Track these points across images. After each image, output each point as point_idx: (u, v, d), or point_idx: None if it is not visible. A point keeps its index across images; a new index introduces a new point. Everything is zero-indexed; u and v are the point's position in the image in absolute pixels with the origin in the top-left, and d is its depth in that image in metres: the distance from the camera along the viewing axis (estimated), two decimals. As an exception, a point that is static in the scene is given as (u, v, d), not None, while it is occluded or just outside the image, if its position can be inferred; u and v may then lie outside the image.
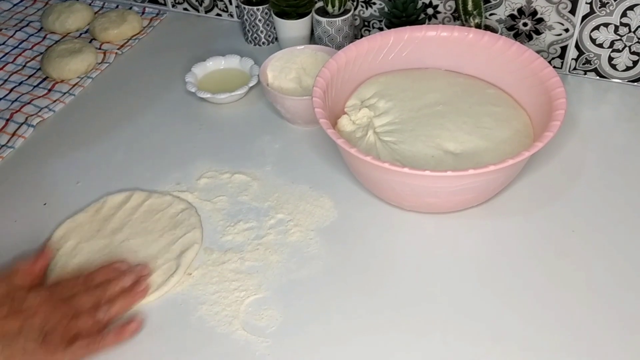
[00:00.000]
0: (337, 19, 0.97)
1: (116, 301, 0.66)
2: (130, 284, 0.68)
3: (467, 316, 0.65)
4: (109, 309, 0.65)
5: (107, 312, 0.65)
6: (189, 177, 0.83)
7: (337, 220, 0.76)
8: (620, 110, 0.90)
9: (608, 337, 0.63)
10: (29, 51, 1.08)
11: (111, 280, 0.68)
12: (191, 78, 0.96)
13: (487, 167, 0.66)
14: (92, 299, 0.65)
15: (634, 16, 0.87)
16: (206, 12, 1.16)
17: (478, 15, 0.89)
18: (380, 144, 0.78)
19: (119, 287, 0.67)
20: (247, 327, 0.65)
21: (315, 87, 0.77)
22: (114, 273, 0.69)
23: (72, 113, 0.96)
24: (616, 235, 0.72)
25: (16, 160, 0.88)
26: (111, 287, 0.67)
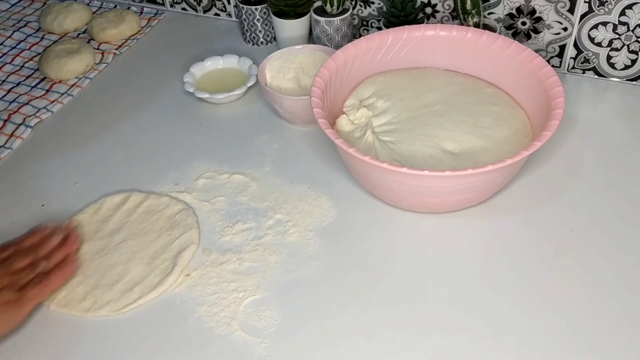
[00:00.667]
0: (336, 19, 0.97)
1: (54, 253, 0.70)
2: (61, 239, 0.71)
3: (466, 314, 0.65)
4: (49, 261, 0.69)
5: (47, 265, 0.68)
6: (187, 178, 0.83)
7: (336, 220, 0.76)
8: (619, 109, 0.90)
9: (608, 334, 0.63)
10: (27, 51, 1.08)
11: (42, 241, 0.71)
12: (189, 78, 0.96)
13: (485, 167, 0.66)
14: (28, 258, 0.68)
15: (632, 15, 0.87)
16: (204, 12, 1.16)
17: (476, 14, 0.89)
18: (378, 143, 0.78)
19: (50, 245, 0.71)
20: (246, 327, 0.65)
21: (314, 87, 0.77)
22: (41, 236, 0.72)
23: (70, 114, 0.96)
24: (615, 233, 0.72)
25: (14, 161, 0.88)
26: (44, 246, 0.70)
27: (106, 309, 0.68)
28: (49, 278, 0.67)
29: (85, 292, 0.69)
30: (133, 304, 0.68)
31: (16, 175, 0.85)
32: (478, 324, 0.64)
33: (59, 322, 0.67)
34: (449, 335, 0.64)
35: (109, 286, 0.70)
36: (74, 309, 0.68)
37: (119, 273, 0.71)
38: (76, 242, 0.73)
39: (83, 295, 0.69)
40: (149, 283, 0.69)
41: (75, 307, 0.68)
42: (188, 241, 0.73)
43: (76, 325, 0.67)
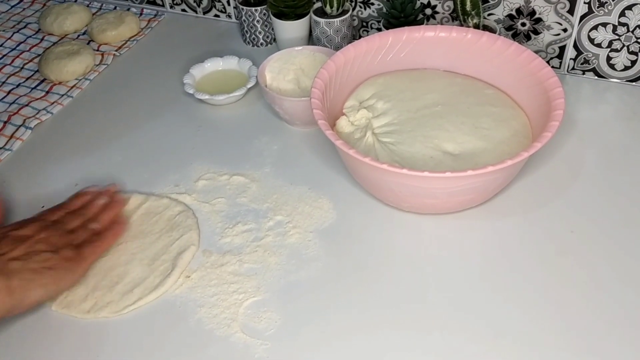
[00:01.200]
0: (336, 20, 0.97)
1: (102, 215, 0.73)
2: (107, 201, 0.75)
3: (467, 315, 0.65)
4: (99, 222, 0.72)
5: (99, 224, 0.72)
6: (187, 179, 0.83)
7: (336, 222, 0.76)
8: (619, 110, 0.90)
9: (608, 335, 0.63)
10: (26, 53, 1.08)
11: (88, 203, 0.74)
12: (189, 79, 0.96)
13: (485, 168, 0.66)
14: (79, 219, 0.72)
15: (632, 16, 0.87)
16: (204, 13, 1.16)
17: (476, 16, 0.89)
18: (378, 145, 0.78)
19: (97, 206, 0.74)
20: (246, 329, 0.65)
21: (314, 88, 0.77)
22: (87, 197, 0.76)
23: (70, 115, 0.96)
24: (616, 233, 0.72)
25: (14, 163, 0.87)
26: (91, 207, 0.74)
27: (106, 310, 0.68)
28: (103, 237, 0.71)
29: (86, 294, 0.69)
30: (133, 305, 0.68)
31: (16, 177, 0.85)
32: (478, 325, 0.64)
33: (59, 323, 0.67)
34: (449, 336, 0.63)
35: (109, 288, 0.70)
36: (74, 310, 0.68)
37: (119, 274, 0.71)
38: (121, 202, 0.76)
39: (83, 296, 0.69)
40: (149, 284, 0.69)
41: (75, 309, 0.68)
42: (188, 242, 0.73)
43: (76, 326, 0.67)
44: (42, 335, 0.66)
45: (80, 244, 0.69)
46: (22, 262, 0.63)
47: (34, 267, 0.63)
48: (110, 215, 0.74)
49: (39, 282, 0.63)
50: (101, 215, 0.73)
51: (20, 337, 0.66)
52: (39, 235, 0.67)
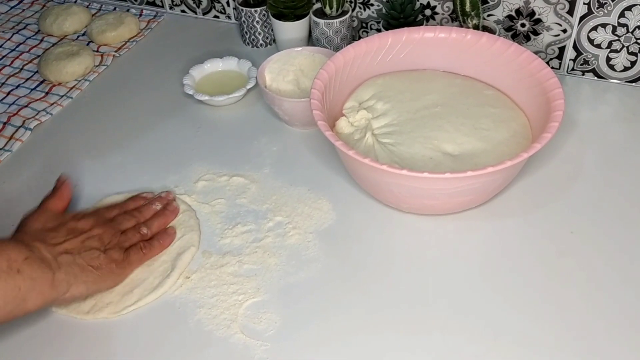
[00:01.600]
0: (335, 21, 0.97)
1: (153, 220, 0.74)
2: (161, 208, 0.76)
3: (467, 316, 0.65)
4: (149, 227, 0.73)
5: (149, 229, 0.73)
6: (187, 180, 0.83)
7: (336, 223, 0.76)
8: (619, 111, 0.90)
9: (608, 336, 0.63)
10: (26, 54, 1.08)
11: (143, 206, 0.75)
12: (189, 80, 0.96)
13: (485, 169, 0.66)
14: (132, 220, 0.73)
15: (631, 17, 0.87)
16: (204, 14, 1.16)
17: (476, 16, 0.89)
18: (378, 145, 0.78)
19: (152, 210, 0.75)
20: (246, 330, 0.65)
21: (313, 89, 0.77)
22: (143, 201, 0.77)
23: (69, 116, 0.95)
24: (616, 234, 0.72)
25: (14, 164, 0.87)
26: (145, 211, 0.75)
27: (106, 311, 0.68)
28: (150, 246, 0.71)
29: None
30: (133, 306, 0.68)
31: (15, 178, 0.85)
32: (478, 325, 0.64)
33: (59, 323, 0.67)
34: (449, 337, 0.63)
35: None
36: (74, 311, 0.68)
37: (119, 275, 0.71)
38: (174, 212, 0.76)
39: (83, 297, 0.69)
40: (148, 285, 0.69)
41: (75, 309, 0.68)
42: (188, 243, 0.73)
43: (76, 327, 0.67)
44: (42, 335, 0.66)
45: (128, 248, 0.70)
46: (72, 256, 0.64)
47: (82, 263, 0.64)
48: (161, 222, 0.74)
49: (82, 279, 0.64)
50: (152, 221, 0.74)
51: (21, 337, 0.66)
52: (94, 230, 0.68)
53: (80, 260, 0.64)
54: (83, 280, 0.64)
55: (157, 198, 0.77)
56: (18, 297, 0.58)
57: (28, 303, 0.59)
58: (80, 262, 0.64)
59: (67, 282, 0.62)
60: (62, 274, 0.62)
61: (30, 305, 0.59)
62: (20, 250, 0.60)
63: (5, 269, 0.57)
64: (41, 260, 0.61)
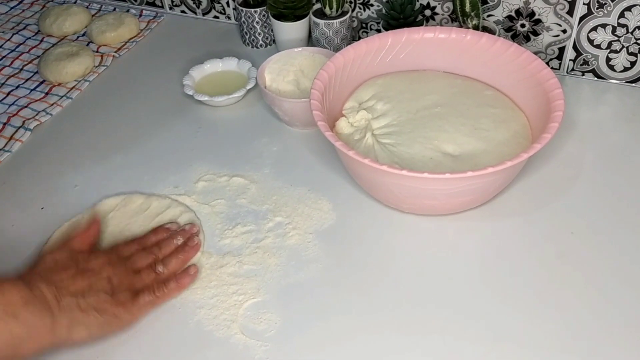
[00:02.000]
0: (335, 21, 0.97)
1: (172, 258, 0.70)
2: (182, 242, 0.72)
3: (466, 317, 0.65)
4: (166, 265, 0.69)
5: (166, 268, 0.69)
6: (187, 180, 0.83)
7: (336, 223, 0.76)
8: (619, 111, 0.90)
9: (608, 337, 0.63)
10: (26, 54, 1.08)
11: (163, 240, 0.72)
12: (189, 81, 0.96)
13: (485, 169, 0.66)
14: (149, 258, 0.69)
15: (631, 17, 0.87)
16: (204, 15, 1.16)
17: (476, 17, 0.89)
18: (378, 146, 0.78)
19: (172, 245, 0.71)
20: (246, 330, 0.65)
21: (313, 90, 0.77)
22: (165, 234, 0.73)
23: (69, 116, 0.95)
24: (615, 235, 0.72)
25: (13, 164, 0.87)
26: (165, 246, 0.71)
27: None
28: (166, 288, 0.67)
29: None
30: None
31: (15, 178, 0.85)
32: (478, 327, 0.64)
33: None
34: (449, 338, 0.63)
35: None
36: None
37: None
38: (195, 248, 0.72)
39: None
40: (149, 286, 0.69)
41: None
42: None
43: (76, 328, 0.67)
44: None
45: (140, 289, 0.66)
46: (76, 299, 0.61)
47: (85, 307, 0.61)
48: (179, 261, 0.70)
49: (85, 324, 0.61)
50: (170, 259, 0.69)
51: (20, 338, 0.66)
52: (104, 271, 0.65)
53: (84, 304, 0.61)
54: (85, 325, 0.61)
55: (180, 231, 0.73)
56: (11, 344, 0.55)
57: (23, 349, 0.56)
58: (84, 305, 0.61)
59: (68, 327, 0.59)
60: (64, 319, 0.59)
61: (25, 350, 0.57)
62: (19, 292, 0.57)
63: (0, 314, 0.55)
64: (42, 303, 0.58)
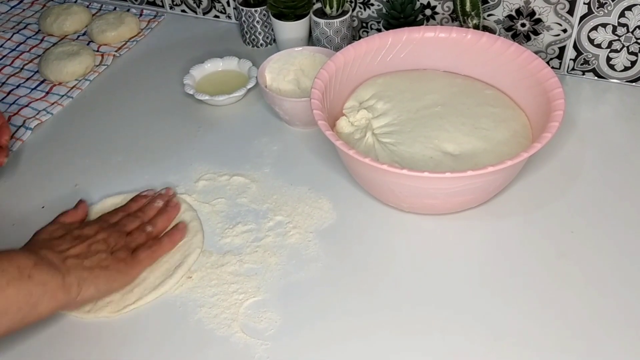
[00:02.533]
0: (335, 21, 0.97)
1: (157, 218, 0.74)
2: (163, 204, 0.77)
3: (466, 316, 0.65)
4: (154, 225, 0.73)
5: (154, 227, 0.73)
6: (187, 180, 0.83)
7: (336, 222, 0.76)
8: (619, 111, 0.90)
9: (608, 336, 0.63)
10: (26, 54, 1.08)
11: (145, 206, 0.76)
12: (189, 80, 0.96)
13: (485, 169, 0.66)
14: (136, 221, 0.73)
15: (632, 16, 0.87)
16: (204, 14, 1.16)
17: (476, 16, 0.89)
18: (378, 145, 0.78)
19: (155, 209, 0.76)
20: (246, 329, 0.65)
21: (314, 89, 0.77)
22: (145, 200, 0.77)
23: (70, 116, 0.96)
24: (616, 234, 0.72)
25: (14, 163, 0.87)
26: (148, 210, 0.75)
27: (106, 310, 0.68)
28: (160, 243, 0.72)
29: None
30: (133, 305, 0.68)
31: (16, 177, 0.85)
32: (478, 326, 0.64)
33: (59, 322, 0.67)
34: (449, 337, 0.64)
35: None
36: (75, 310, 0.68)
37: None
38: (176, 208, 0.77)
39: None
40: (149, 284, 0.69)
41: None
42: (194, 245, 0.73)
43: (77, 326, 0.67)
44: (42, 334, 0.66)
45: (136, 247, 0.70)
46: (79, 259, 0.64)
47: (89, 265, 0.64)
48: (165, 219, 0.75)
49: (92, 281, 0.64)
50: (156, 219, 0.74)
51: (21, 336, 0.66)
52: (98, 235, 0.68)
53: (88, 263, 0.64)
54: (92, 281, 0.64)
55: (158, 196, 0.78)
56: (30, 303, 0.58)
57: (40, 308, 0.59)
58: (88, 264, 0.64)
59: (78, 284, 0.62)
60: (72, 277, 0.62)
61: (42, 310, 0.59)
62: (28, 257, 0.60)
63: (16, 276, 0.57)
64: (50, 265, 0.61)
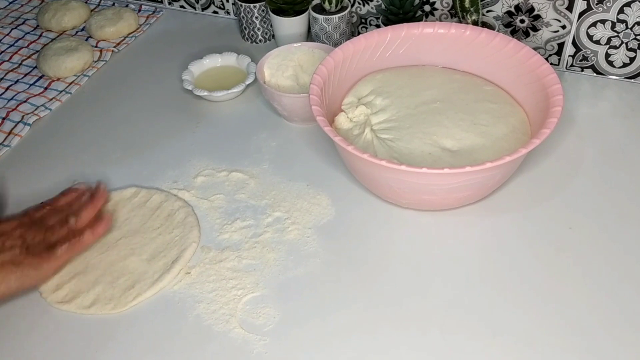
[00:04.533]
0: (334, 16, 0.97)
1: (82, 211, 0.72)
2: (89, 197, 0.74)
3: (465, 312, 0.65)
4: (78, 216, 0.71)
5: (78, 220, 0.71)
6: (186, 175, 0.83)
7: (335, 218, 0.76)
8: (617, 107, 0.90)
9: (607, 332, 0.63)
10: (25, 49, 1.08)
11: (73, 200, 0.74)
12: (188, 76, 0.96)
13: (484, 164, 0.66)
14: (60, 216, 0.71)
15: (630, 13, 0.87)
16: (203, 10, 1.16)
17: (475, 12, 0.89)
18: (377, 141, 0.78)
19: (82, 202, 0.73)
20: (245, 325, 0.65)
21: (312, 85, 0.77)
22: (75, 194, 0.75)
23: (68, 111, 0.95)
24: (614, 230, 0.73)
25: (12, 159, 0.87)
26: (74, 204, 0.73)
27: (106, 306, 0.68)
28: (81, 236, 0.69)
29: (86, 289, 0.69)
30: (132, 301, 0.68)
31: (14, 173, 0.85)
32: (476, 322, 0.64)
33: (59, 319, 0.68)
34: (448, 333, 0.64)
35: (108, 283, 0.70)
36: (74, 306, 0.68)
37: (118, 270, 0.71)
38: (102, 197, 0.75)
39: (83, 292, 0.69)
40: (148, 280, 0.69)
41: (75, 304, 0.68)
42: (189, 240, 0.73)
43: (76, 322, 0.67)
44: (41, 331, 0.66)
45: (55, 242, 0.68)
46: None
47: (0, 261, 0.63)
48: (90, 211, 0.72)
49: (2, 278, 0.62)
50: (80, 211, 0.72)
51: (20, 333, 0.66)
52: (15, 231, 0.67)
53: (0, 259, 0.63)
54: (3, 278, 0.63)
55: (86, 189, 0.76)
56: None
57: None
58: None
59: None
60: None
61: None
62: None
63: None
64: None
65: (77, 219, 0.71)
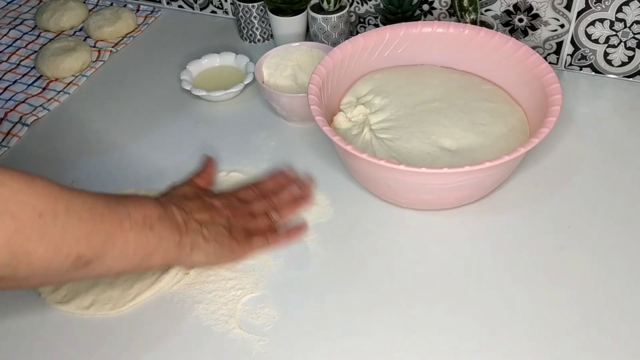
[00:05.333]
0: (333, 16, 0.97)
1: (286, 208, 0.74)
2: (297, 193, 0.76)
3: (464, 311, 0.65)
4: (280, 214, 0.74)
5: (280, 217, 0.73)
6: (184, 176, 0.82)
7: (334, 218, 0.76)
8: (616, 106, 0.90)
9: (605, 331, 0.63)
10: (23, 49, 1.08)
11: (281, 188, 0.76)
12: (186, 76, 0.96)
13: (483, 164, 0.66)
14: (265, 205, 0.74)
15: (629, 11, 0.87)
16: (201, 10, 1.16)
17: (474, 12, 0.89)
18: (376, 141, 0.78)
19: (289, 195, 0.75)
20: (244, 325, 0.65)
21: (311, 84, 0.77)
22: (283, 180, 0.77)
23: (67, 112, 0.95)
24: (612, 229, 0.73)
25: (10, 160, 0.87)
26: (281, 195, 0.75)
27: (104, 306, 0.68)
28: (276, 237, 0.72)
29: (85, 290, 0.69)
30: (132, 301, 0.68)
31: (13, 174, 0.85)
32: (475, 321, 0.64)
33: (58, 319, 0.67)
34: (447, 332, 0.64)
35: (107, 284, 0.70)
36: (73, 306, 0.68)
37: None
38: (309, 202, 0.76)
39: (82, 292, 0.69)
40: (147, 281, 0.69)
41: (74, 305, 0.68)
42: None
43: (75, 322, 0.67)
44: (41, 331, 0.66)
45: (254, 231, 0.71)
46: (200, 226, 0.66)
47: (206, 234, 0.66)
48: (292, 211, 0.75)
49: (205, 250, 0.65)
50: (285, 210, 0.74)
51: (20, 333, 0.66)
52: (224, 210, 0.70)
53: (206, 232, 0.66)
54: (205, 250, 0.65)
55: (296, 180, 0.78)
56: (145, 252, 0.60)
57: (153, 259, 0.61)
58: (206, 233, 0.66)
59: (191, 247, 0.64)
60: (188, 239, 0.64)
61: (154, 261, 0.61)
62: (156, 208, 0.62)
63: (140, 223, 0.59)
64: (172, 221, 0.63)
65: (279, 217, 0.73)
